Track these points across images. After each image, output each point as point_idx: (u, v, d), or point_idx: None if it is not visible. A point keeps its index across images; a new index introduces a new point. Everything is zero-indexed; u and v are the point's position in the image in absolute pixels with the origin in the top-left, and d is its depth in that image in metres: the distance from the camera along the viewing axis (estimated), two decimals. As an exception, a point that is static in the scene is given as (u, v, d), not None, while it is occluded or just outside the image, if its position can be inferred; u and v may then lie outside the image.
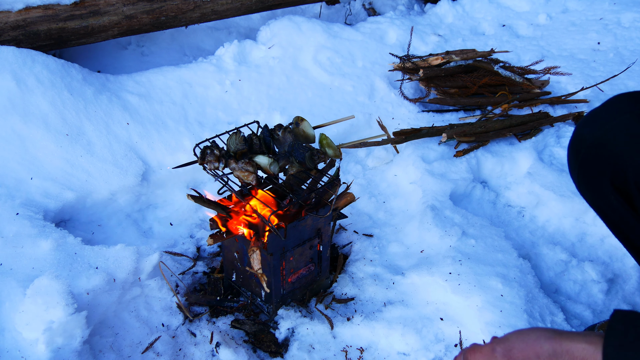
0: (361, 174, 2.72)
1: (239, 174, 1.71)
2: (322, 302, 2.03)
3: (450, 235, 2.18)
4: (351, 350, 1.87)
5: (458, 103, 3.15)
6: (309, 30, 3.41)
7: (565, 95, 3.28)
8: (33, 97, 2.48)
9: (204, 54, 3.40)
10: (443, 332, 1.90)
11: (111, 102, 2.68)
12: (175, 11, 3.19)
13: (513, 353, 0.98)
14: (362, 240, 2.28)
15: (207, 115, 2.85)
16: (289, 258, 1.89)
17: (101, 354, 1.75)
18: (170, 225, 2.39)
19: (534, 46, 3.93)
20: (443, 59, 3.26)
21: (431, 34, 3.87)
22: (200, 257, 2.24)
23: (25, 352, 1.60)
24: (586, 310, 2.02)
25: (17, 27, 2.75)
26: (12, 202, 2.12)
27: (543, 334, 0.98)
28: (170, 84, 2.92)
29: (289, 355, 1.85)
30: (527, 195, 2.55)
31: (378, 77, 3.27)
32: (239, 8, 3.45)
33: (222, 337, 1.86)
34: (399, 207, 2.50)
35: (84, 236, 2.19)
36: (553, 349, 0.95)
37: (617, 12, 4.31)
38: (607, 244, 2.30)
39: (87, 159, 2.43)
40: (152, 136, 2.64)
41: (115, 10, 2.99)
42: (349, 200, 2.06)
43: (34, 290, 1.66)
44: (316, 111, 2.99)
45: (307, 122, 1.83)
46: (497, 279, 1.96)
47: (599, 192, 1.18)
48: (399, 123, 3.03)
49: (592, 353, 0.91)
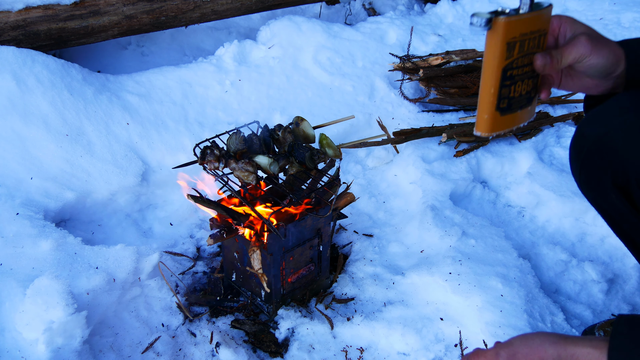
0: (361, 174, 2.72)
1: (239, 174, 1.71)
2: (322, 302, 2.03)
3: (450, 235, 2.18)
4: (351, 350, 1.87)
5: (458, 103, 3.15)
6: (309, 30, 3.41)
7: (565, 95, 3.28)
8: (33, 97, 2.48)
9: (204, 54, 3.40)
10: (443, 332, 1.90)
11: (111, 102, 2.68)
12: (175, 11, 3.19)
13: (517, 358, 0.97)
14: (362, 240, 2.28)
15: (207, 115, 2.85)
16: (289, 258, 1.89)
17: (101, 354, 1.75)
18: (170, 225, 2.39)
19: (534, 46, 3.93)
20: (443, 59, 3.27)
21: (431, 34, 3.87)
22: (200, 257, 2.24)
23: (25, 352, 1.60)
24: (586, 310, 2.02)
25: (17, 27, 2.75)
26: (12, 202, 2.12)
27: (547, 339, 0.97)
28: (170, 84, 2.92)
29: (289, 355, 1.85)
30: (527, 195, 2.55)
31: (378, 77, 3.27)
32: (239, 8, 3.45)
33: (222, 337, 1.86)
34: (399, 207, 2.50)
35: (84, 236, 2.19)
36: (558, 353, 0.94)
37: (617, 12, 4.31)
38: (607, 244, 2.30)
39: (87, 159, 2.43)
40: (152, 136, 2.64)
41: (115, 10, 2.99)
42: (349, 200, 2.06)
43: (34, 290, 1.66)
44: (316, 111, 2.99)
45: (307, 122, 1.83)
46: (497, 279, 1.96)
47: (600, 191, 1.18)
48: (399, 123, 3.03)
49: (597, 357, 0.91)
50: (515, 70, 1.13)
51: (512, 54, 1.10)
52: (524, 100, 1.19)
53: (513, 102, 1.16)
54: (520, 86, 1.16)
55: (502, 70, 1.10)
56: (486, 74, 1.12)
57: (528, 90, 1.19)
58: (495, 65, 1.09)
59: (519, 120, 1.20)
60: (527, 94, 1.19)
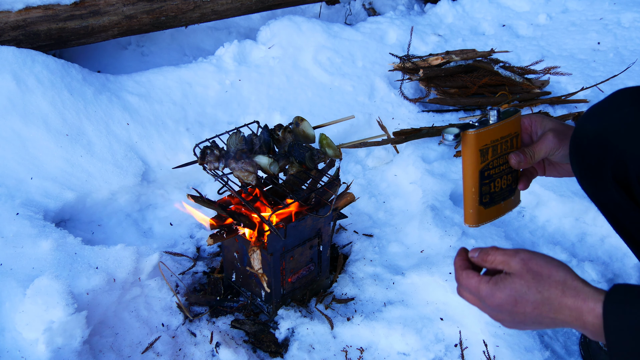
0: (361, 174, 2.72)
1: (239, 174, 1.71)
2: (322, 302, 2.03)
3: (450, 235, 2.18)
4: (351, 350, 1.87)
5: (458, 103, 3.15)
6: (309, 30, 3.41)
7: (565, 95, 3.28)
8: (33, 97, 2.48)
9: (204, 54, 3.40)
10: (443, 332, 1.90)
11: (111, 102, 2.68)
12: (175, 11, 3.19)
13: (532, 263, 1.02)
14: (362, 240, 2.28)
15: (207, 115, 2.85)
16: (289, 258, 1.89)
17: (101, 354, 1.75)
18: (170, 225, 2.39)
19: (534, 46, 3.93)
20: (443, 59, 3.27)
21: (431, 34, 3.87)
22: (200, 257, 2.24)
23: (25, 352, 1.60)
24: (586, 310, 2.02)
25: (17, 27, 2.75)
26: (12, 202, 2.12)
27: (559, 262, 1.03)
28: (170, 84, 2.92)
29: (289, 355, 1.85)
30: (527, 195, 2.55)
31: (378, 77, 3.27)
32: (239, 8, 3.45)
33: (222, 337, 1.86)
34: (399, 207, 2.50)
35: (84, 236, 2.19)
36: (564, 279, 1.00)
37: (617, 12, 4.31)
38: (607, 244, 2.30)
39: (87, 159, 2.43)
40: (152, 136, 2.64)
41: (115, 10, 2.99)
42: (349, 200, 2.06)
43: (34, 290, 1.66)
44: (316, 111, 2.99)
45: (307, 122, 1.83)
46: (497, 279, 1.96)
47: (600, 185, 1.18)
48: (399, 123, 3.03)
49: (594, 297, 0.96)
50: (492, 170, 1.25)
51: (487, 158, 1.23)
52: (506, 192, 1.31)
53: (495, 196, 1.29)
54: (499, 182, 1.28)
55: (480, 172, 1.23)
56: (466, 176, 1.24)
57: (509, 184, 1.31)
58: (472, 169, 1.23)
59: (503, 211, 1.33)
60: (508, 186, 1.31)
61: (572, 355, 1.84)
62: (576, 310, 0.96)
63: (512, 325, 1.06)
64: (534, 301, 0.99)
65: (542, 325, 1.02)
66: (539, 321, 1.01)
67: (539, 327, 1.03)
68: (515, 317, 1.02)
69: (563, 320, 0.98)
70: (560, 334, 1.90)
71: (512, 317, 1.03)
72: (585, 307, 0.96)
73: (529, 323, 1.02)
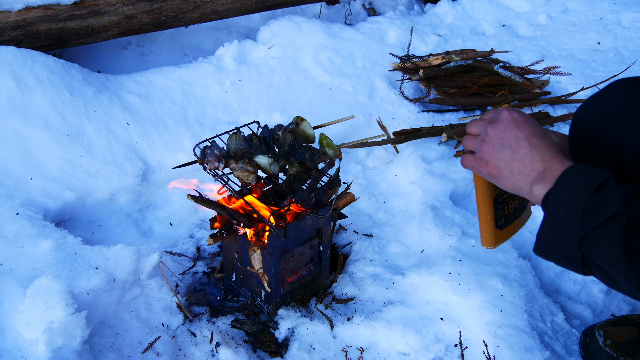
0: (361, 174, 2.72)
1: (239, 174, 1.71)
2: (322, 302, 2.03)
3: (450, 235, 2.18)
4: (351, 350, 1.87)
5: (458, 103, 3.15)
6: (309, 30, 3.41)
7: (565, 95, 3.28)
8: (33, 97, 2.48)
9: (204, 54, 3.40)
10: (443, 332, 1.90)
11: (111, 102, 2.68)
12: (175, 11, 3.19)
13: (520, 115, 1.15)
14: (362, 240, 2.28)
15: (207, 115, 2.85)
16: (289, 258, 1.89)
17: (101, 354, 1.75)
18: (170, 225, 2.39)
19: (534, 46, 3.93)
20: (443, 59, 3.26)
21: (431, 34, 3.87)
22: (200, 257, 2.24)
23: (25, 352, 1.60)
24: (586, 310, 2.02)
25: (17, 27, 2.75)
26: (12, 202, 2.12)
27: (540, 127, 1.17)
28: (170, 84, 2.92)
29: (289, 355, 1.85)
30: (527, 195, 2.55)
31: (378, 77, 3.27)
32: (239, 8, 3.45)
33: (222, 337, 1.86)
34: (399, 207, 2.50)
35: (84, 236, 2.19)
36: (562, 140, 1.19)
37: (617, 12, 4.31)
38: (607, 244, 2.29)
39: (87, 159, 2.43)
40: (152, 136, 2.64)
41: (115, 10, 2.99)
42: (349, 200, 2.06)
43: (34, 290, 1.66)
44: (316, 111, 2.99)
45: (307, 122, 1.83)
46: (497, 279, 1.96)
47: None
48: (399, 123, 3.03)
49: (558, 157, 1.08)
50: (505, 195, 1.30)
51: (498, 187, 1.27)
52: (519, 210, 1.37)
53: (509, 217, 1.34)
54: (512, 203, 1.34)
55: (494, 199, 1.28)
56: (480, 204, 1.29)
57: (521, 202, 1.36)
58: (486, 198, 1.28)
59: (517, 228, 1.38)
60: (520, 204, 1.36)
61: (572, 355, 1.84)
62: (548, 162, 1.08)
63: (492, 152, 1.15)
64: (532, 126, 1.13)
65: (515, 160, 1.12)
66: (516, 148, 1.12)
67: (511, 160, 1.12)
68: (505, 138, 1.13)
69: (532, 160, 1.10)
70: (560, 334, 1.90)
71: (503, 135, 1.13)
72: (555, 164, 1.07)
73: (506, 149, 1.13)
